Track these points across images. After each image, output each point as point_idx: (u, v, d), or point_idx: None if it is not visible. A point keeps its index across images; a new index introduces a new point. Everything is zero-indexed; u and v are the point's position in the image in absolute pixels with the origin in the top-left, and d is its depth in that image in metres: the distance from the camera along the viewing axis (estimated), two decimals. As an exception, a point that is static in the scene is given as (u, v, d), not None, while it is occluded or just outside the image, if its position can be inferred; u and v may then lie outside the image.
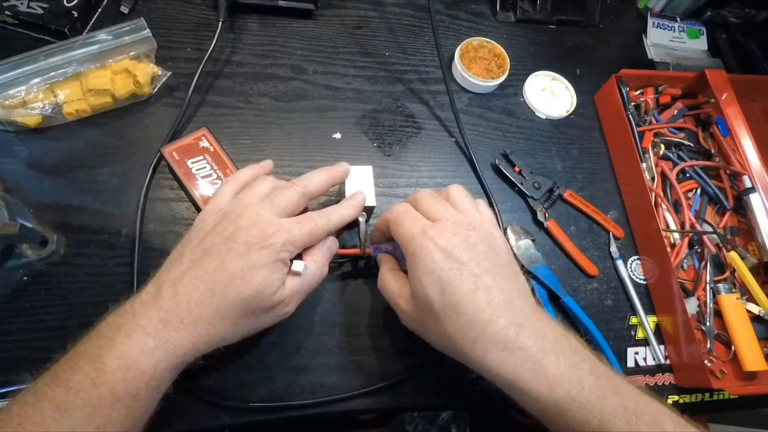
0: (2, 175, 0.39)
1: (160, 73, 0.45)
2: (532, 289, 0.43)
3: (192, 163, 0.40)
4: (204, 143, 0.41)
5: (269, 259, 0.29)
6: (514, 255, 0.44)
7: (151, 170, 0.41)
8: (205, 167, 0.41)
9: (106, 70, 0.42)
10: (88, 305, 0.36)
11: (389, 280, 0.34)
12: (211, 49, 0.45)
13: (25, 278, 0.36)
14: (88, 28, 0.46)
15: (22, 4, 0.44)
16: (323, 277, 0.34)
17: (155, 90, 0.45)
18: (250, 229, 0.30)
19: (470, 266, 0.29)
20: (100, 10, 0.48)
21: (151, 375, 0.27)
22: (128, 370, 0.26)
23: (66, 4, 0.45)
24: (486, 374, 0.29)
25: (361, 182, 0.38)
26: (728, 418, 0.76)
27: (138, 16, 0.44)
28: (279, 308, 0.31)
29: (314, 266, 0.33)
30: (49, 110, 0.40)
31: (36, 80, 0.39)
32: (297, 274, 0.32)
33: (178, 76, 0.46)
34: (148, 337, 0.27)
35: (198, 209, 0.40)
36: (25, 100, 0.40)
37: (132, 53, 0.43)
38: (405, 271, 0.34)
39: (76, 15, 0.45)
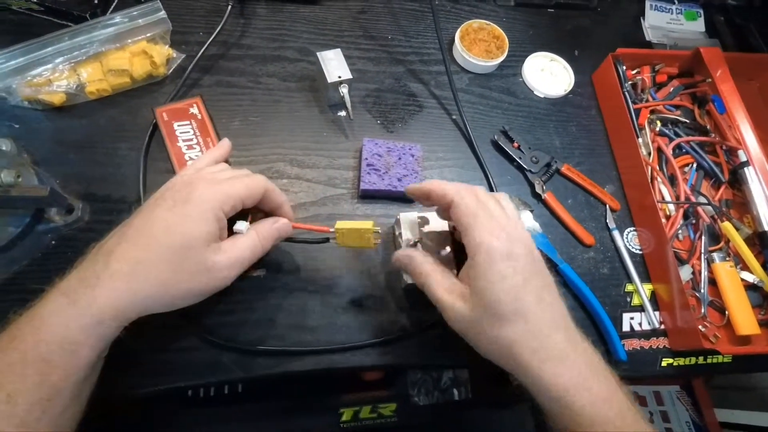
0: (31, 150, 0.41)
1: (174, 55, 0.48)
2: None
3: (178, 125, 0.43)
4: (194, 110, 0.44)
5: (197, 209, 0.29)
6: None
7: (149, 133, 0.43)
8: (189, 132, 0.43)
9: (125, 52, 0.45)
10: (111, 268, 0.39)
11: (433, 275, 0.33)
12: (218, 30, 0.48)
13: (53, 242, 0.39)
14: (108, 13, 0.49)
15: (46, -9, 0.47)
16: (263, 251, 0.33)
17: (170, 71, 0.48)
18: (177, 186, 0.30)
19: (537, 279, 0.30)
20: (119, -4, 0.51)
21: (63, 335, 0.25)
22: (38, 332, 0.25)
23: (87, -9, 0.48)
24: (536, 383, 0.29)
25: (338, 63, 0.46)
26: (733, 403, 0.77)
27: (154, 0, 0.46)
28: (214, 271, 0.30)
29: (254, 235, 0.32)
30: (74, 88, 0.43)
31: (60, 59, 0.42)
32: (239, 232, 0.32)
33: (191, 58, 0.49)
34: (62, 296, 0.26)
35: (174, 171, 0.42)
36: (51, 79, 0.42)
37: (148, 34, 0.45)
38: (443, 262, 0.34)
39: (96, 1, 0.48)
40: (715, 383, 0.83)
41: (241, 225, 0.32)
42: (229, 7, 0.49)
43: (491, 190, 0.48)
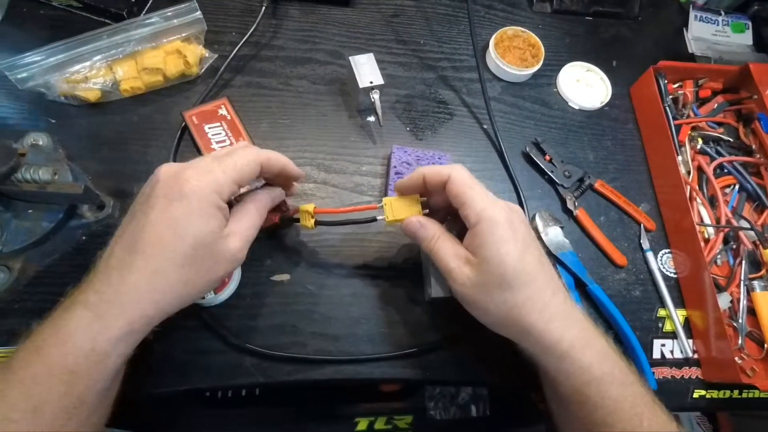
0: (66, 144, 0.42)
1: (207, 55, 0.48)
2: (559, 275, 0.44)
3: (209, 128, 0.43)
4: (222, 111, 0.44)
5: (196, 204, 0.27)
6: (542, 241, 0.44)
7: (178, 135, 0.44)
8: (220, 133, 0.43)
9: (160, 50, 0.45)
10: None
11: (441, 241, 0.33)
12: (251, 31, 0.48)
13: (83, 238, 0.39)
14: (144, 11, 0.49)
15: (85, -12, 0.48)
16: (262, 222, 0.33)
17: (202, 71, 0.48)
18: (167, 181, 0.28)
19: (534, 246, 0.32)
20: (155, -5, 0.51)
21: (90, 348, 0.26)
22: (64, 345, 0.25)
23: (125, -12, 0.48)
24: (542, 343, 0.30)
25: (370, 68, 0.45)
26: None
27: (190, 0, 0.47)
28: (229, 257, 0.30)
29: (255, 212, 0.32)
30: (109, 85, 0.43)
31: (98, 57, 0.43)
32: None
33: (224, 58, 0.49)
34: (85, 310, 0.26)
35: None
36: (87, 76, 0.43)
37: (184, 34, 0.45)
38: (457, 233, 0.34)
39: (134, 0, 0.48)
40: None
41: None
42: (263, 7, 0.49)
43: (520, 203, 0.47)
